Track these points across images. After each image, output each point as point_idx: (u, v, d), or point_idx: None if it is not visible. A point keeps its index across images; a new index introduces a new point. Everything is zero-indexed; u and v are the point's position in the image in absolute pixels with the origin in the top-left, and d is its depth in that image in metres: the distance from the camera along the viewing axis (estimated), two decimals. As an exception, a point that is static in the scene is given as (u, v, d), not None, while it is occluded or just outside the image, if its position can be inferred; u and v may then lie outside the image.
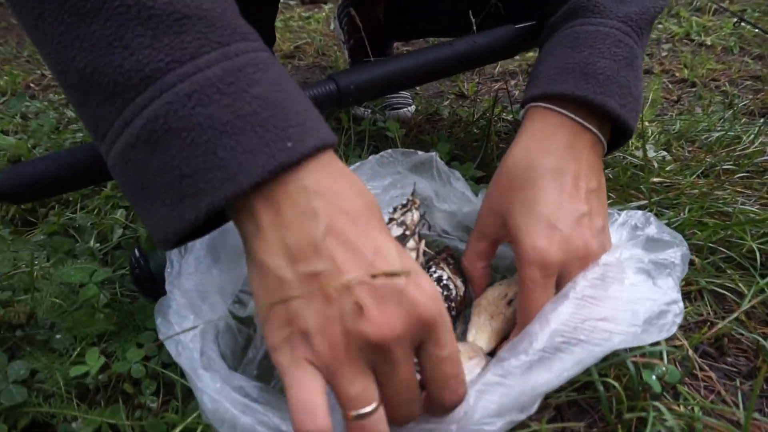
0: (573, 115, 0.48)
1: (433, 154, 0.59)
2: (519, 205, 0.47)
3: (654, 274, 0.47)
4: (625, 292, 0.44)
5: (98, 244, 0.69)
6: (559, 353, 0.40)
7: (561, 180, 0.47)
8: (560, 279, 0.46)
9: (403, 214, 0.57)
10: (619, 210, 0.54)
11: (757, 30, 1.56)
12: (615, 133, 0.51)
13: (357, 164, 0.58)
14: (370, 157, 0.58)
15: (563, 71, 0.49)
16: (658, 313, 0.43)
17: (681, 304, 0.44)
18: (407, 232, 0.55)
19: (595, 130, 0.49)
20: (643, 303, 0.44)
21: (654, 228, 0.50)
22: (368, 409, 0.33)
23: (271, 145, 0.32)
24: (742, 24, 1.65)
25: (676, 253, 0.48)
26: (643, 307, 0.43)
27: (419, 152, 0.59)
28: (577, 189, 0.47)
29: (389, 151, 0.59)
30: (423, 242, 0.56)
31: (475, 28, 0.75)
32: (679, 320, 0.43)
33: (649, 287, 0.46)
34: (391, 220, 0.56)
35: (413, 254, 0.55)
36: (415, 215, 0.57)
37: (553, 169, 0.47)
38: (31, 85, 1.42)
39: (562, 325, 0.41)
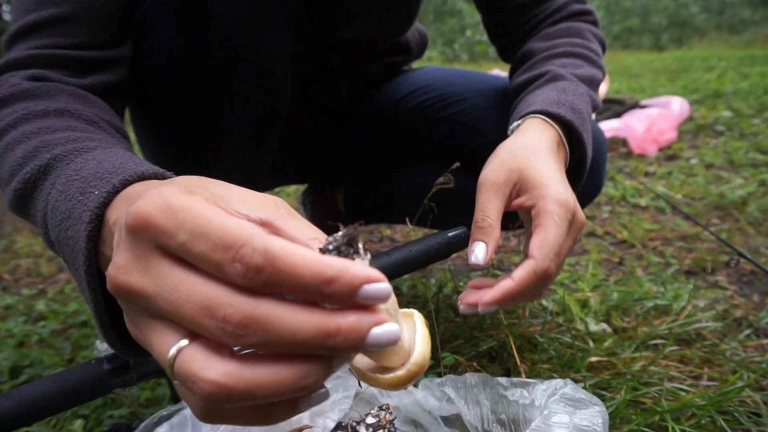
0: (559, 131, 0.66)
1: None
2: (533, 164, 0.60)
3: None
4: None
5: (53, 460, 0.69)
6: None
7: (556, 159, 0.62)
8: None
9: (376, 415, 0.60)
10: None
11: (680, 197, 1.74)
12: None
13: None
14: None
15: (558, 102, 0.67)
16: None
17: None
18: (379, 431, 0.58)
19: (567, 147, 0.67)
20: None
21: (570, 389, 0.56)
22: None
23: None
24: (671, 180, 1.84)
25: (598, 419, 0.51)
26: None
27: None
28: (562, 170, 0.63)
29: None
30: None
31: (410, 226, 0.85)
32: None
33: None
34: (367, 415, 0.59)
35: None
36: (388, 416, 0.60)
37: (549, 149, 0.63)
38: (5, 276, 1.46)
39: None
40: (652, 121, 2.24)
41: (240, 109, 0.71)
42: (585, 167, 0.71)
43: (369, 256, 0.33)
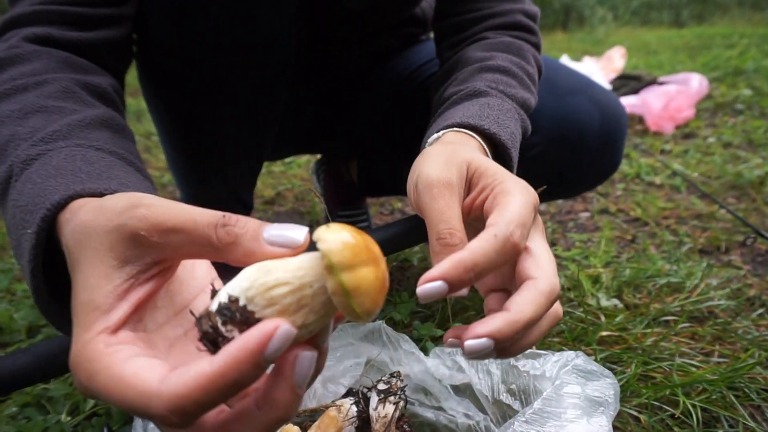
0: (484, 144, 0.57)
1: (381, 322, 0.64)
2: (478, 155, 0.48)
3: (589, 411, 0.51)
4: (561, 430, 0.48)
5: (69, 418, 0.70)
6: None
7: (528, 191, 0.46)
8: None
9: (387, 381, 0.61)
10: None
11: (696, 175, 1.71)
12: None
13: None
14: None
15: (480, 116, 0.58)
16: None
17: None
18: (390, 397, 0.59)
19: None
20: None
21: (582, 361, 0.56)
22: None
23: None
24: (687, 159, 1.81)
25: (609, 390, 0.52)
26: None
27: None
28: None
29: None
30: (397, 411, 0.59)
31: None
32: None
33: (584, 425, 0.50)
34: (377, 385, 0.61)
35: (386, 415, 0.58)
36: (399, 383, 0.61)
37: (479, 149, 0.54)
38: (21, 239, 1.48)
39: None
40: (670, 98, 2.20)
41: (237, 71, 0.70)
42: None
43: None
